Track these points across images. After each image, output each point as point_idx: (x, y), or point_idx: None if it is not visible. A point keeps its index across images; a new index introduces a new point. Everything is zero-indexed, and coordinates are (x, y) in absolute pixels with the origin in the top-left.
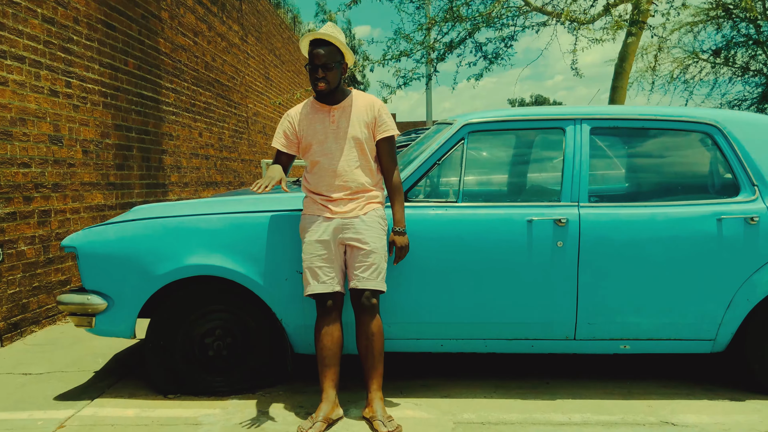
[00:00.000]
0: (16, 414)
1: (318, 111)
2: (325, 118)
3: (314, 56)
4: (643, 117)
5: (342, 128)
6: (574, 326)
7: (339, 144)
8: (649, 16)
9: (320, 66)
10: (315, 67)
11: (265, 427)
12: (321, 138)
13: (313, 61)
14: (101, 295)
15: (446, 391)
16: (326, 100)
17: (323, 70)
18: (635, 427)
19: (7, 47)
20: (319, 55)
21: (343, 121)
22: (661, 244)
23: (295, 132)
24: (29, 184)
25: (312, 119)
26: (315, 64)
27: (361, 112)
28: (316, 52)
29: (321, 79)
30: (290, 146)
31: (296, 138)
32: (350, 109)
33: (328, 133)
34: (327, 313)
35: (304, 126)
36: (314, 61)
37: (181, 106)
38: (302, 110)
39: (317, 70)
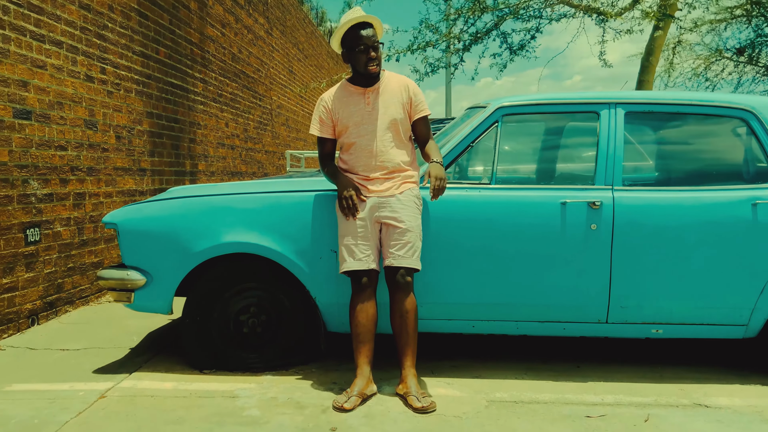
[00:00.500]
0: (57, 385)
1: (352, 93)
2: (359, 100)
3: (364, 38)
4: (678, 102)
5: (377, 109)
6: (606, 309)
7: (375, 125)
8: (677, 9)
9: (371, 47)
10: (367, 48)
11: (300, 401)
12: (357, 119)
13: (365, 42)
14: (140, 271)
15: (477, 372)
16: (360, 83)
17: (374, 51)
18: (668, 408)
19: (46, 31)
20: (369, 37)
21: (378, 102)
22: (695, 229)
23: (330, 116)
24: (65, 167)
25: (347, 102)
26: (367, 45)
27: (396, 92)
28: (365, 34)
29: (374, 59)
30: (326, 130)
31: (331, 121)
32: (385, 90)
33: (364, 115)
34: (362, 290)
35: (338, 108)
36: (365, 43)
37: (208, 96)
38: (336, 93)
39: (368, 51)
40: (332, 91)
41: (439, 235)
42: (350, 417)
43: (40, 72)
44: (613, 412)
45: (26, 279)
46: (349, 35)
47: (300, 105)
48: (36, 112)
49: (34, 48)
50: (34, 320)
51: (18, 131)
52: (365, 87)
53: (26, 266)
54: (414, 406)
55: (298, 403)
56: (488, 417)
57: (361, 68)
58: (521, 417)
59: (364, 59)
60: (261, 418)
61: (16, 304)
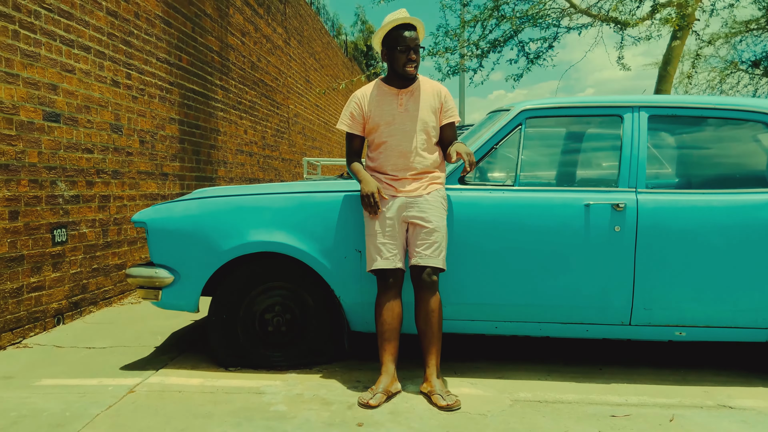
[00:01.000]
0: (85, 380)
1: (386, 93)
2: (392, 101)
3: (407, 39)
4: (701, 105)
5: (410, 111)
6: (629, 311)
7: (406, 126)
8: (695, 19)
9: (413, 48)
10: (408, 49)
11: (326, 398)
12: (389, 119)
13: (407, 43)
14: (168, 269)
15: (500, 373)
16: (395, 84)
17: (414, 53)
18: (692, 410)
19: (75, 36)
20: (412, 38)
21: (411, 104)
22: (719, 231)
23: (362, 113)
24: (92, 170)
25: (380, 101)
26: (408, 46)
27: (429, 97)
28: (408, 35)
29: (414, 61)
30: (356, 127)
31: (362, 119)
32: (418, 94)
33: (396, 115)
34: (388, 288)
35: (372, 107)
36: (408, 44)
37: (228, 104)
38: (370, 91)
39: (409, 52)
40: (366, 89)
41: (463, 236)
42: (376, 413)
43: (69, 76)
44: (638, 412)
45: (53, 278)
46: (391, 34)
47: (316, 114)
48: (65, 115)
49: (64, 52)
50: (60, 319)
51: (47, 133)
52: (399, 88)
53: (53, 266)
54: (439, 404)
55: (324, 399)
56: (513, 415)
57: (399, 68)
58: (546, 415)
59: (404, 60)
60: (288, 413)
61: (43, 303)
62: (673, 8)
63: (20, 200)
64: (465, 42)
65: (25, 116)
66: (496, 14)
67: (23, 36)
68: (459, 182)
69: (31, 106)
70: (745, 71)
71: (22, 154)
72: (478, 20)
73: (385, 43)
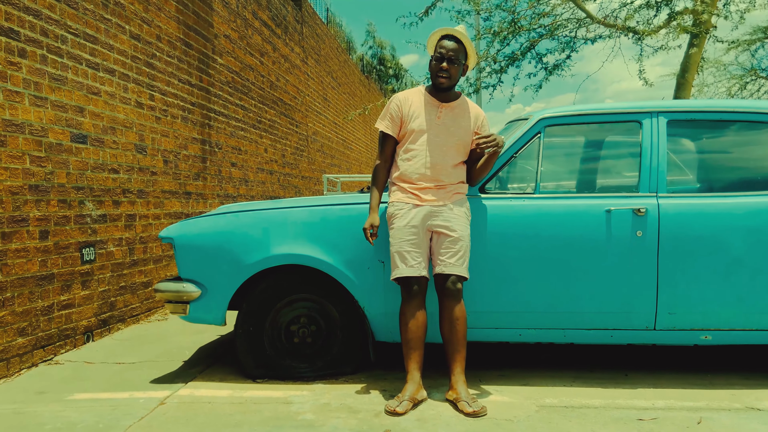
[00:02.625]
0: (117, 394)
1: (428, 102)
2: (432, 111)
3: (445, 47)
4: (720, 109)
5: (446, 126)
6: (654, 316)
7: (441, 140)
8: (711, 26)
9: (446, 59)
10: (441, 58)
11: (353, 406)
12: (425, 128)
13: (442, 52)
14: (195, 283)
15: (525, 380)
16: (438, 96)
17: (448, 63)
18: (720, 412)
19: (100, 60)
20: (447, 47)
21: (449, 119)
22: (741, 234)
23: (401, 114)
24: (117, 189)
25: (421, 108)
26: (443, 55)
27: (467, 117)
28: (445, 44)
29: (444, 71)
30: (394, 127)
31: (400, 121)
32: (458, 111)
33: (432, 126)
34: (413, 297)
35: (412, 111)
36: (443, 53)
37: (248, 123)
38: (412, 96)
39: (442, 60)
40: (408, 93)
41: (485, 244)
42: (403, 420)
43: (95, 98)
44: (665, 416)
45: (82, 296)
46: (436, 43)
47: (334, 132)
48: (91, 136)
49: (90, 76)
50: (89, 336)
51: (75, 154)
52: (441, 101)
53: (82, 284)
54: (465, 411)
55: (351, 408)
56: (539, 420)
57: (432, 75)
58: (572, 420)
59: (437, 68)
60: (316, 422)
61: (73, 321)
62: (689, 15)
63: (50, 220)
64: (482, 57)
65: (54, 138)
66: (513, 27)
67: (51, 60)
68: (479, 191)
69: (59, 128)
70: (765, 78)
71: (51, 175)
72: (496, 34)
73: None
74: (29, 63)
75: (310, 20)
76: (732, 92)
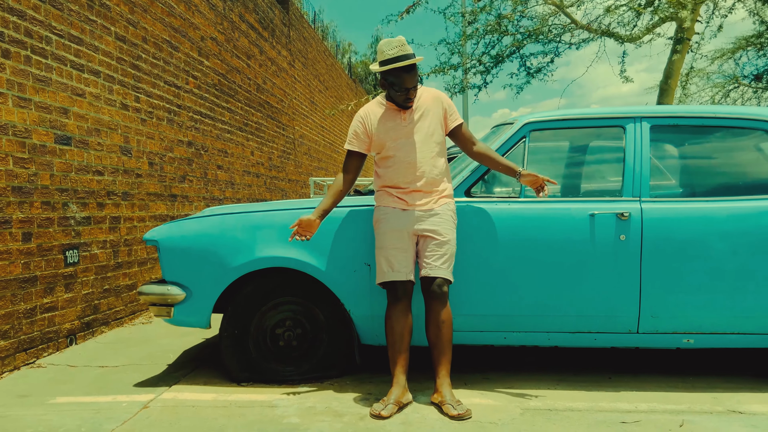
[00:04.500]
0: (100, 398)
1: (389, 110)
2: (396, 116)
3: (403, 80)
4: (703, 115)
5: (414, 123)
6: (637, 319)
7: (412, 138)
8: (693, 33)
9: (411, 88)
10: (407, 90)
11: (338, 410)
12: (393, 135)
13: (406, 86)
14: (180, 286)
15: (509, 383)
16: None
17: (413, 92)
18: (702, 415)
19: (85, 61)
20: (409, 80)
21: (414, 117)
22: (724, 239)
23: (366, 131)
24: (102, 191)
25: (383, 117)
26: (407, 88)
27: (430, 106)
28: (407, 77)
29: (411, 99)
30: (361, 145)
31: (367, 137)
32: (420, 105)
33: (400, 130)
34: (398, 300)
35: (375, 124)
36: (407, 86)
37: (235, 125)
38: (372, 109)
39: (408, 92)
40: (369, 107)
41: (470, 247)
42: (388, 424)
43: (80, 100)
44: (648, 419)
45: (65, 299)
46: (392, 72)
47: (321, 135)
48: (75, 138)
49: (74, 77)
50: (72, 339)
51: (59, 156)
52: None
53: (65, 287)
54: (450, 413)
55: (336, 411)
56: (523, 423)
57: (397, 99)
58: (556, 423)
59: (403, 98)
60: (300, 425)
61: (56, 324)
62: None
63: (33, 222)
64: (468, 59)
65: (38, 139)
66: (498, 29)
67: (35, 61)
68: (465, 195)
69: (43, 130)
70: (747, 85)
71: (34, 177)
72: (481, 35)
73: (383, 75)
74: (13, 64)
75: (297, 23)
76: (715, 100)
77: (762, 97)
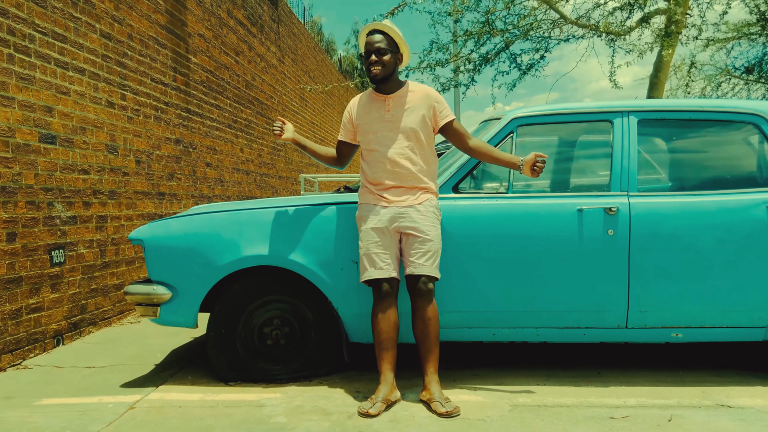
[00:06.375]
0: (86, 399)
1: (374, 100)
2: (380, 107)
3: (367, 44)
4: (690, 109)
5: (397, 118)
6: (626, 314)
7: (393, 133)
8: (683, 27)
9: (373, 51)
10: (369, 53)
11: (326, 408)
12: (376, 127)
13: (367, 48)
14: (166, 285)
15: (498, 380)
16: (382, 90)
17: (376, 55)
18: (691, 409)
19: (69, 59)
20: (372, 42)
21: (398, 110)
22: (712, 232)
23: (352, 120)
24: (88, 190)
25: (368, 108)
26: (369, 50)
27: (417, 102)
28: (369, 39)
29: (375, 63)
30: (347, 134)
31: (353, 126)
32: (405, 99)
33: (383, 122)
34: (383, 298)
35: (360, 114)
36: (368, 48)
37: (223, 122)
38: (360, 100)
39: (370, 55)
40: (357, 97)
41: (458, 244)
42: (376, 422)
43: (64, 98)
44: (636, 414)
45: (52, 300)
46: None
47: (312, 131)
48: (60, 136)
49: (59, 75)
50: (59, 340)
51: (43, 155)
52: (386, 94)
53: (51, 287)
54: (438, 411)
55: (324, 410)
56: (512, 420)
57: (366, 72)
58: (545, 419)
59: (366, 63)
60: (288, 425)
61: (42, 324)
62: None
63: (17, 222)
64: (457, 57)
65: (21, 138)
66: (487, 28)
67: (18, 59)
68: (453, 191)
69: (27, 129)
70: (738, 77)
71: (18, 176)
72: (471, 35)
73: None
74: None
75: (286, 19)
76: (706, 93)
77: (752, 89)
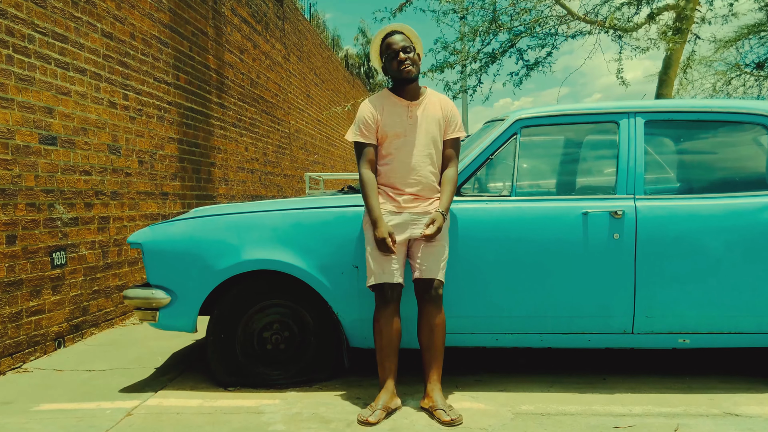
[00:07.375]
0: (84, 404)
1: (396, 104)
2: (403, 113)
3: (392, 44)
4: (697, 109)
5: (418, 124)
6: (632, 319)
7: (414, 138)
8: (693, 23)
9: (400, 50)
10: (396, 53)
11: (325, 416)
12: (398, 130)
13: (393, 48)
14: (165, 289)
15: (501, 386)
16: (405, 95)
17: (404, 53)
18: (698, 418)
19: (70, 59)
20: (397, 42)
21: (420, 117)
22: (719, 236)
23: (376, 119)
24: (90, 191)
25: (391, 111)
26: (395, 50)
27: (436, 109)
28: (392, 40)
29: (404, 61)
30: (370, 136)
31: (376, 124)
32: (427, 106)
33: (406, 127)
34: (387, 304)
35: (384, 114)
36: (394, 48)
37: (228, 121)
38: (380, 100)
39: (398, 54)
40: (374, 99)
41: (461, 247)
42: (375, 430)
43: (65, 99)
44: (642, 423)
45: (53, 302)
46: (381, 48)
47: (318, 129)
48: (61, 137)
49: (59, 75)
50: (61, 342)
51: (44, 156)
52: (410, 100)
53: (52, 289)
54: (442, 419)
55: (323, 417)
56: (514, 429)
57: (395, 73)
58: (547, 428)
59: (396, 64)
60: None
61: (43, 327)
62: (674, 9)
63: (18, 224)
64: (464, 57)
65: (21, 140)
66: (494, 25)
67: (17, 60)
68: (456, 193)
69: (27, 130)
70: (749, 73)
71: (18, 178)
72: (477, 32)
73: (382, 58)
74: None
75: (291, 16)
76: (717, 88)
77: (764, 85)
